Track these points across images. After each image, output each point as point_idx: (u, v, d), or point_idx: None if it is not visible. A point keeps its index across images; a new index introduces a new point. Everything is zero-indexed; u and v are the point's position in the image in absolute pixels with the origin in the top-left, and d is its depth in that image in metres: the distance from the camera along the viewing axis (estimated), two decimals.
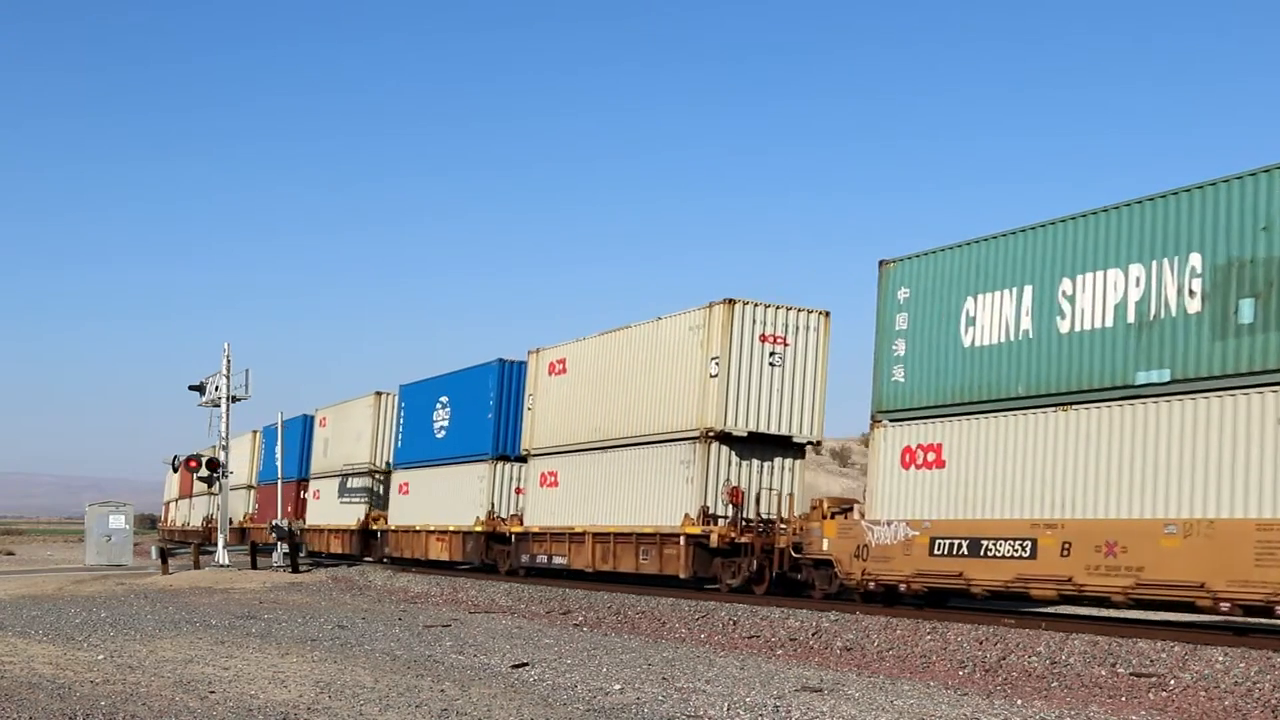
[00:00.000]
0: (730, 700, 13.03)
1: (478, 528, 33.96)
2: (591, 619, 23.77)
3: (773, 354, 25.34)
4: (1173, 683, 14.21)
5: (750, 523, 24.80)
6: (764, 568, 24.15)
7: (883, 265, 21.71)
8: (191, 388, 44.53)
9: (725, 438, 25.03)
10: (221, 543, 42.36)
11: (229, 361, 42.54)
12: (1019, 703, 13.39)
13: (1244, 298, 15.89)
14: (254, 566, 40.84)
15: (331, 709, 12.22)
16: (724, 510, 24.94)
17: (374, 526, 42.49)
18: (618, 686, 14.01)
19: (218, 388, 42.65)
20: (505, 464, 33.84)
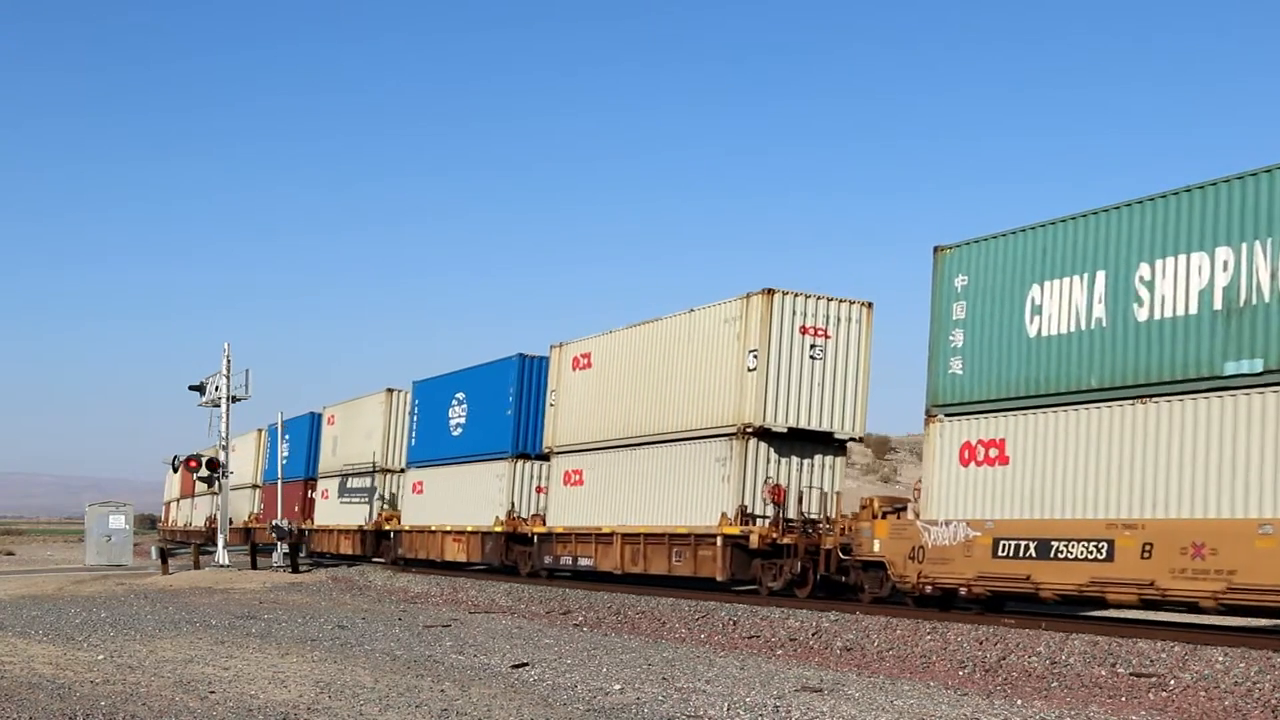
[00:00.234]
0: (730, 700, 13.03)
1: (497, 528, 33.08)
2: (591, 619, 23.77)
3: (813, 346, 24.39)
4: (1173, 683, 14.21)
5: (793, 523, 23.88)
6: (807, 570, 23.29)
7: (938, 251, 20.59)
8: (192, 388, 44.51)
9: (764, 434, 24.13)
10: (221, 543, 42.34)
11: (229, 361, 42.54)
12: (1019, 703, 13.38)
13: None
14: (254, 566, 40.83)
15: (331, 709, 12.23)
16: (763, 509, 24.06)
17: (387, 527, 41.62)
18: (618, 686, 14.01)
19: (218, 388, 42.63)
20: (526, 462, 32.92)
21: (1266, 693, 13.43)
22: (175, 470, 59.84)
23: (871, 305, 25.03)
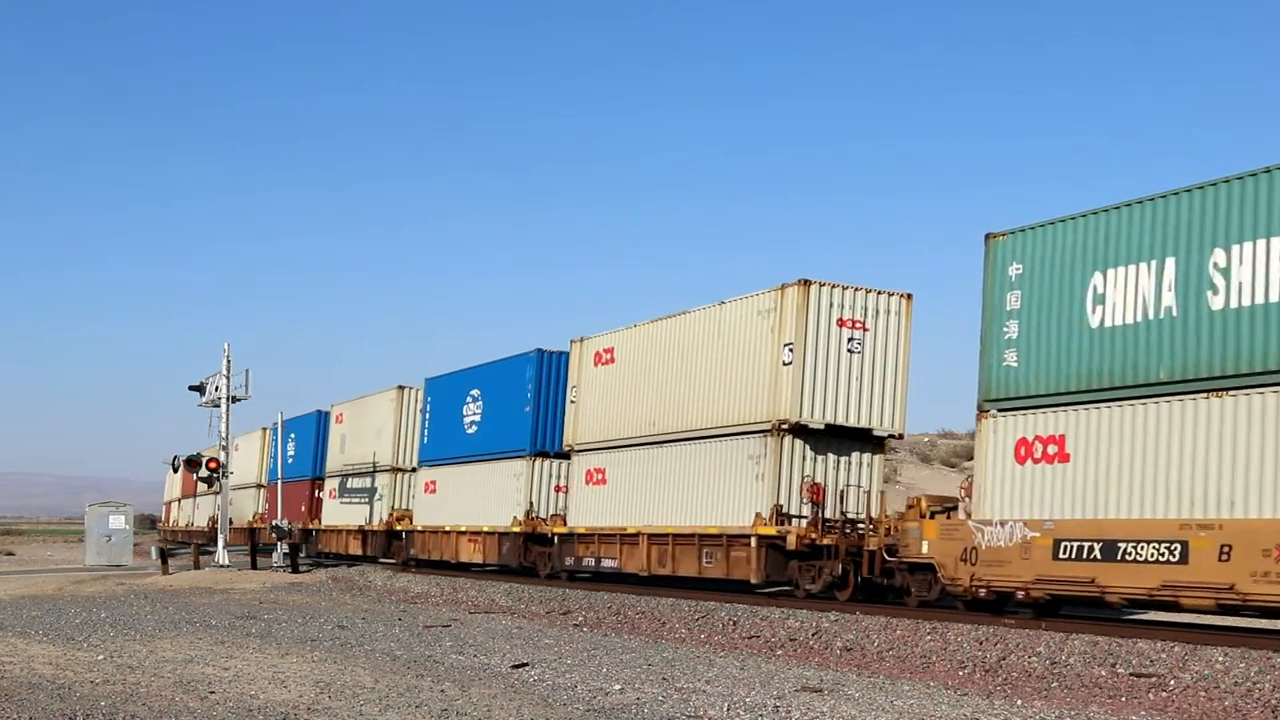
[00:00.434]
0: (730, 700, 13.03)
1: (515, 528, 32.18)
2: (591, 619, 23.77)
3: (851, 339, 23.51)
4: (1173, 683, 14.21)
5: (832, 523, 23.01)
6: (848, 572, 22.48)
7: (990, 239, 19.52)
8: (192, 388, 44.51)
9: (800, 430, 23.27)
10: (221, 543, 42.34)
11: (229, 361, 42.54)
12: (1019, 703, 13.39)
13: None
14: (254, 567, 40.85)
15: (331, 709, 12.23)
16: (800, 509, 23.20)
17: (398, 527, 40.67)
18: (618, 687, 14.02)
19: (218, 388, 42.63)
20: (545, 460, 32.05)
21: (1266, 693, 13.43)
22: (175, 470, 59.75)
23: (911, 297, 24.23)
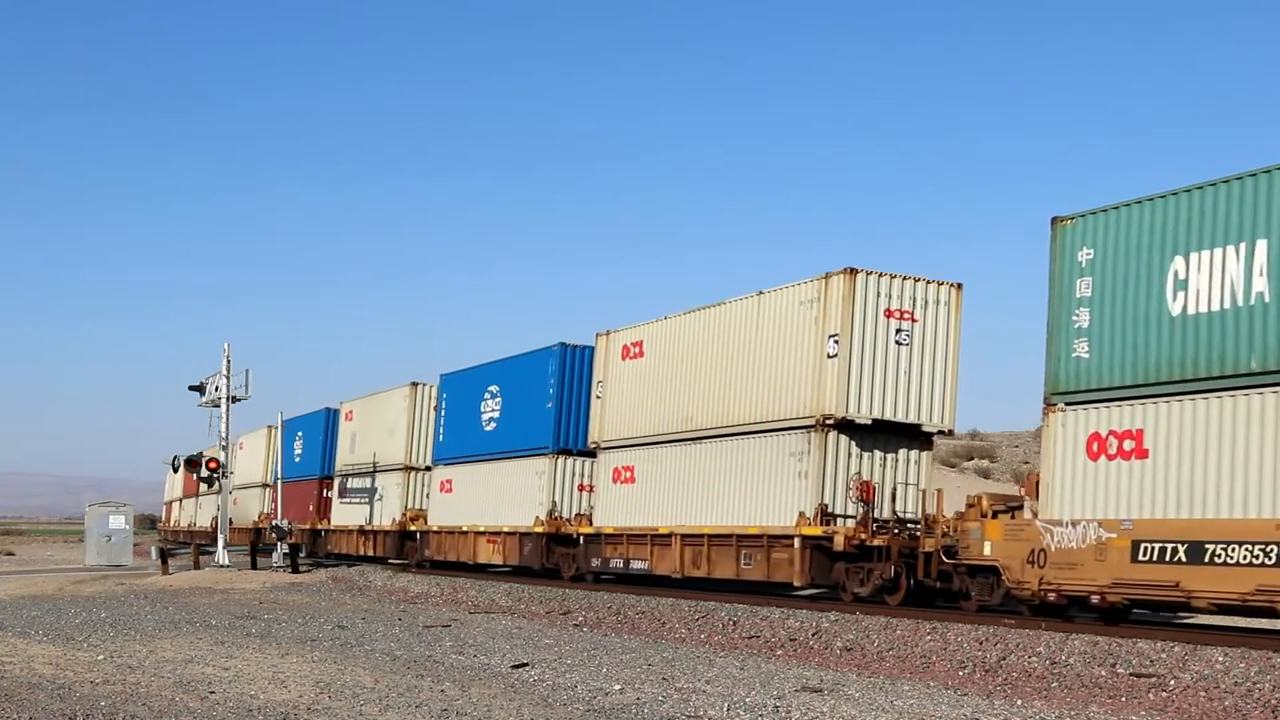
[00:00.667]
0: (730, 700, 13.03)
1: (538, 528, 31.07)
2: (591, 619, 23.76)
3: (899, 331, 22.58)
4: (1173, 683, 14.21)
5: (884, 523, 22.04)
6: (899, 575, 21.53)
7: (1057, 223, 18.47)
8: (192, 388, 44.52)
9: (845, 426, 22.29)
10: (222, 543, 42.35)
11: (229, 361, 42.55)
12: (1019, 703, 13.39)
13: None
14: (254, 567, 40.83)
15: (331, 709, 12.23)
16: (846, 508, 22.25)
17: (412, 527, 39.57)
18: (618, 687, 14.01)
19: (218, 388, 42.64)
20: (568, 458, 31.05)
21: (1266, 693, 13.43)
22: (175, 470, 59.70)
23: (960, 286, 23.28)
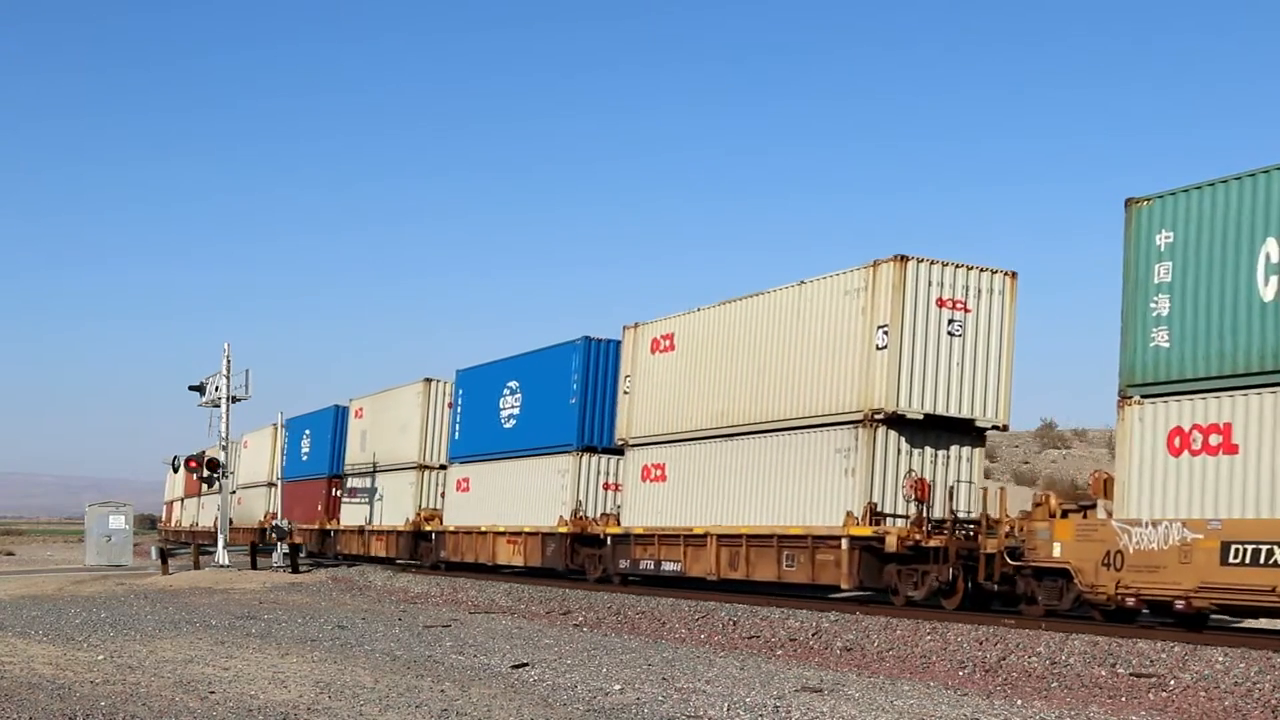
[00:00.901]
0: (730, 700, 13.04)
1: (562, 528, 30.10)
2: (591, 619, 23.76)
3: (951, 321, 21.61)
4: (1173, 683, 14.21)
5: (940, 523, 21.07)
6: (957, 577, 20.61)
7: (1132, 205, 17.54)
8: (192, 388, 44.53)
9: (895, 421, 21.34)
10: (222, 543, 42.37)
11: (229, 361, 42.56)
12: (1019, 703, 13.39)
13: None
14: (254, 567, 40.84)
15: (331, 709, 12.23)
16: (897, 507, 21.33)
17: (427, 527, 38.55)
18: (618, 687, 14.02)
19: (218, 388, 42.66)
20: (592, 456, 30.12)
21: (1266, 693, 13.43)
22: (175, 470, 59.74)
23: (1015, 275, 22.29)
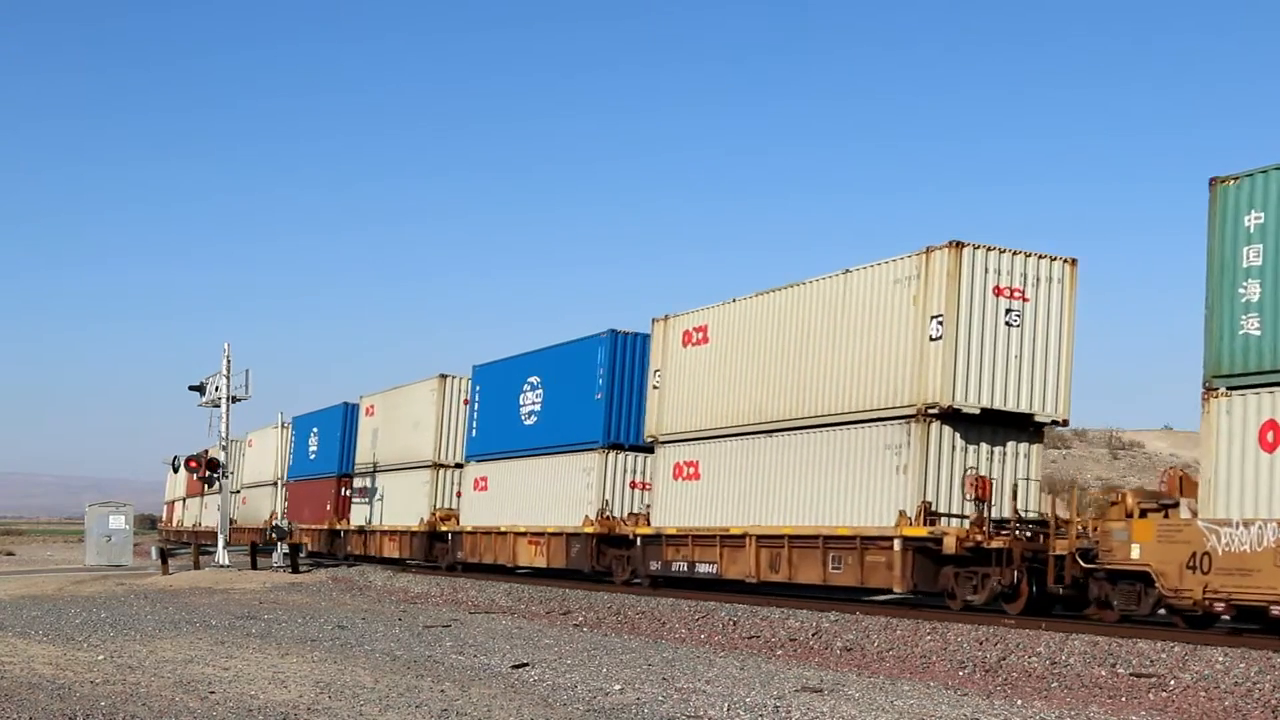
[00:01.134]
0: (730, 700, 13.03)
1: (588, 529, 29.10)
2: (591, 619, 23.76)
3: (1009, 311, 20.73)
4: (1173, 683, 14.22)
5: (1003, 523, 20.10)
6: (1021, 580, 19.67)
7: (1217, 184, 16.52)
8: (192, 388, 44.55)
9: (950, 416, 20.39)
10: (222, 543, 42.38)
11: (229, 362, 42.58)
12: (1019, 703, 13.39)
13: None
14: (254, 567, 40.84)
15: (331, 709, 12.23)
16: (951, 506, 20.36)
17: (443, 528, 37.57)
18: (618, 687, 14.02)
19: (218, 388, 42.69)
20: (619, 453, 29.12)
21: (1266, 693, 13.43)
22: (175, 470, 59.69)
23: (1075, 262, 21.31)
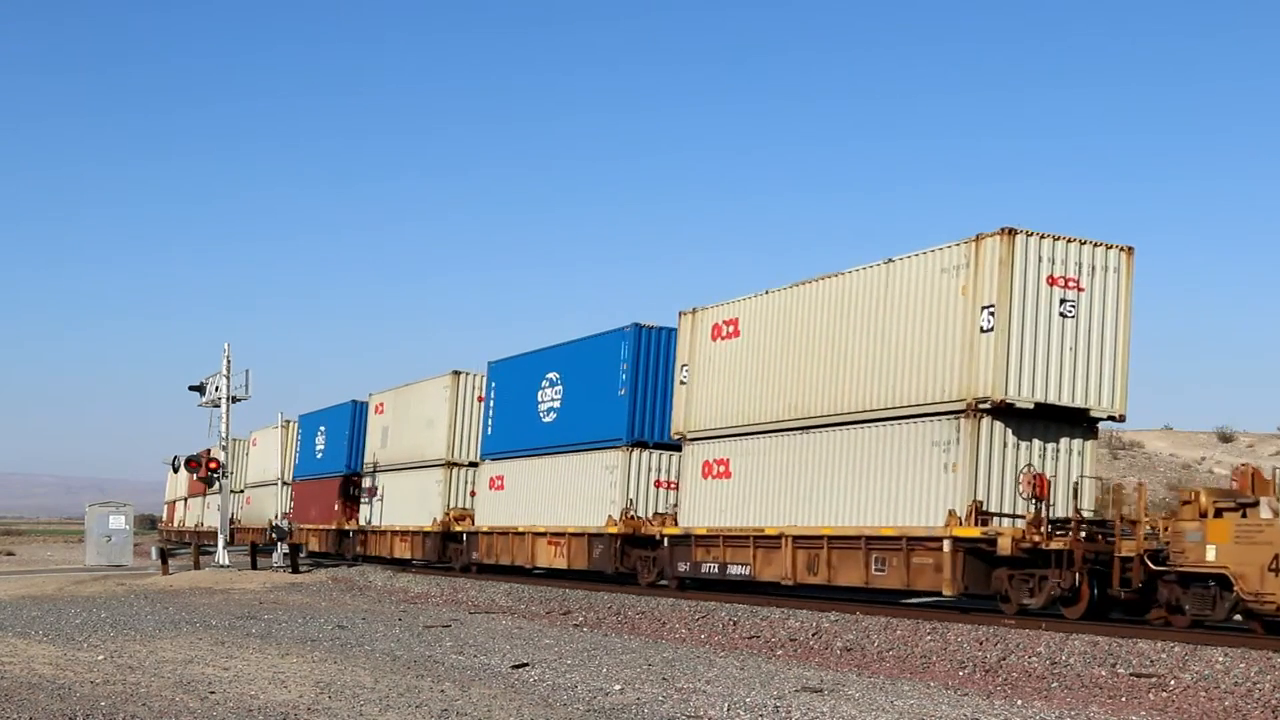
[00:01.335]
0: (730, 700, 13.03)
1: (611, 529, 28.19)
2: (591, 619, 23.76)
3: (1064, 301, 19.91)
4: (1173, 683, 14.22)
5: (1062, 523, 19.25)
6: (1081, 583, 18.81)
7: None
8: (192, 388, 44.58)
9: (1002, 411, 19.59)
10: (222, 543, 42.40)
11: (229, 362, 42.61)
12: (1019, 703, 13.39)
13: None
14: (254, 567, 40.84)
15: (331, 709, 12.23)
16: (1002, 505, 19.62)
17: (457, 528, 36.66)
18: (618, 687, 14.02)
19: (218, 388, 42.71)
20: (643, 451, 28.27)
21: (1266, 693, 13.43)
22: (175, 470, 59.60)
23: (1132, 250, 20.48)
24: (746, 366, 25.10)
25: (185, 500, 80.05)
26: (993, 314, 19.60)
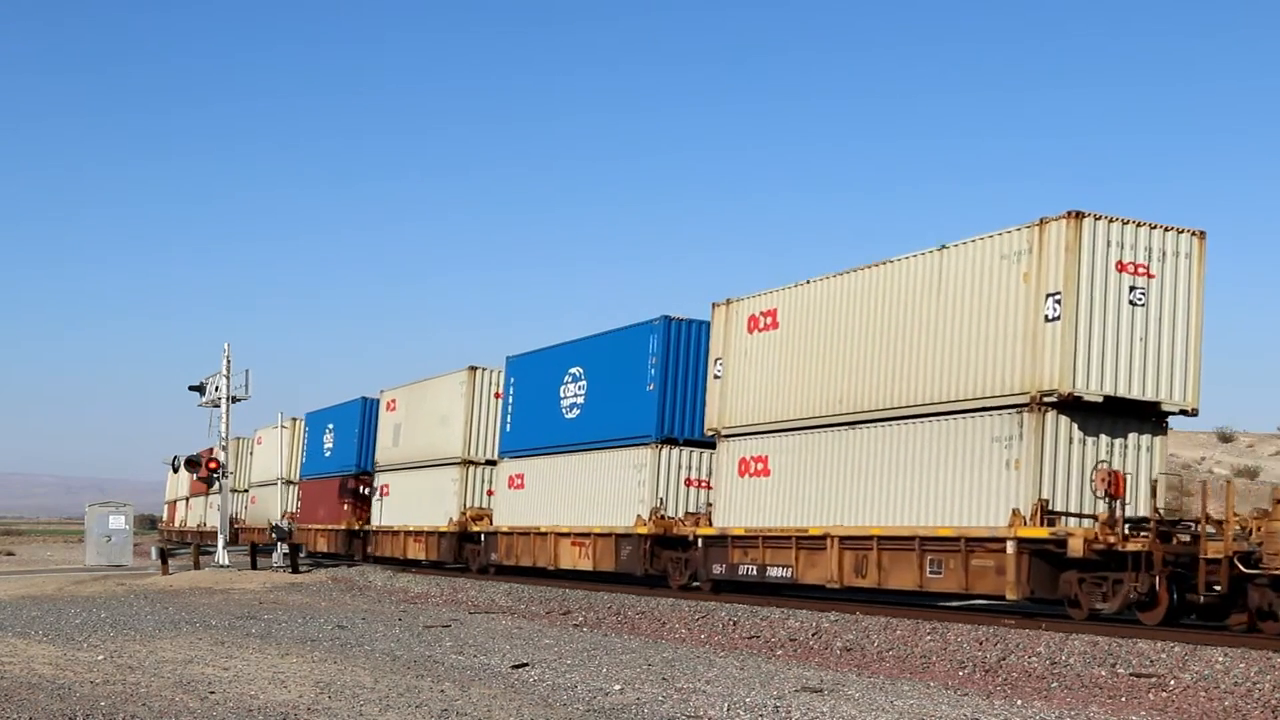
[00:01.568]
0: (730, 700, 13.03)
1: (640, 529, 27.11)
2: (591, 619, 23.76)
3: (1134, 289, 18.95)
4: (1173, 683, 14.22)
5: (1142, 523, 18.25)
6: (1159, 587, 17.76)
7: None
8: (191, 388, 44.62)
9: (1068, 405, 18.56)
10: (222, 543, 42.42)
11: (229, 362, 42.64)
12: (1019, 703, 13.39)
13: None
14: (254, 567, 40.85)
15: (331, 709, 12.23)
16: (1069, 504, 18.66)
17: (474, 528, 35.66)
18: (618, 687, 14.02)
19: (218, 388, 42.73)
20: (673, 448, 27.28)
21: (1266, 693, 13.43)
22: (175, 470, 59.62)
23: (1204, 235, 19.52)
24: (786, 359, 24.02)
25: (186, 500, 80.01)
26: (1059, 302, 18.63)
